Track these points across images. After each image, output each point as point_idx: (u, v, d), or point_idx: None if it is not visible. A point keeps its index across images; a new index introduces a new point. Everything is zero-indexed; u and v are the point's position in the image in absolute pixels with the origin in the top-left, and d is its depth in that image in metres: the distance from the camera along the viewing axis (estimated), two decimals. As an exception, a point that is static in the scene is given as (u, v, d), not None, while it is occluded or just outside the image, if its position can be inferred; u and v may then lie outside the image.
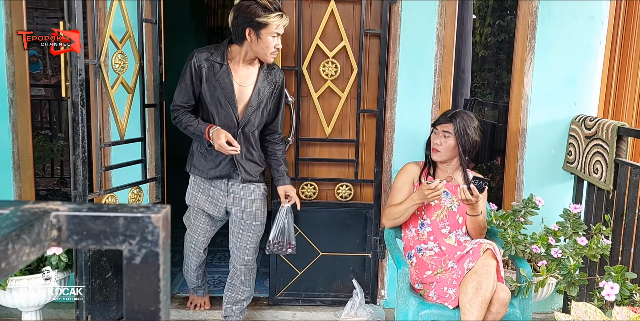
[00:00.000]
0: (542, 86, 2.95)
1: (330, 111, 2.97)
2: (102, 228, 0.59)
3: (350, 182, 3.04)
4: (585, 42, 2.92)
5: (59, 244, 0.59)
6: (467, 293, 2.27)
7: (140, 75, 2.74)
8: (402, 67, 2.92)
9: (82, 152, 2.44)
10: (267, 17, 2.36)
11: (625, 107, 3.40)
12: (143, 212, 0.60)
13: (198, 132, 2.50)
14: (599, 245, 2.52)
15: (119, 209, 0.60)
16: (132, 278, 0.60)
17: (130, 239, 0.59)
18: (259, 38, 2.41)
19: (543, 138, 3.00)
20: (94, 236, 0.59)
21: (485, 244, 2.35)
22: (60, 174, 4.49)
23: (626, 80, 3.37)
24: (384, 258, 3.10)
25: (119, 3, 2.57)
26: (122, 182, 2.79)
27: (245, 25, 2.40)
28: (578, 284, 2.39)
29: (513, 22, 3.56)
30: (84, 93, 2.39)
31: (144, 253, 0.60)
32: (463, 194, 2.41)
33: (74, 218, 0.59)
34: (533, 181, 3.04)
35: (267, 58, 2.49)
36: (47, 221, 0.57)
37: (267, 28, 2.39)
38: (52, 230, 0.58)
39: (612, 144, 2.58)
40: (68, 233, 0.59)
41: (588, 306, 1.92)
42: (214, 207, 2.71)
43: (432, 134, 2.65)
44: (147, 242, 0.59)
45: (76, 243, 0.59)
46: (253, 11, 2.36)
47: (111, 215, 0.59)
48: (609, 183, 2.61)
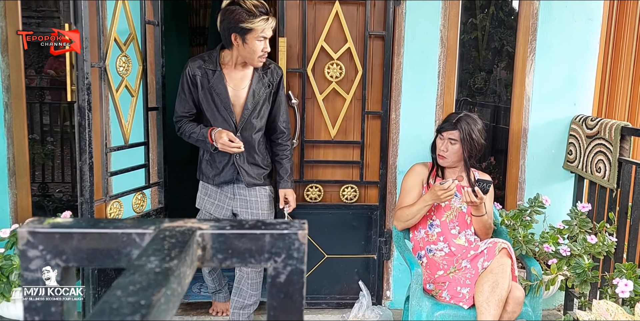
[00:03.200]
0: (543, 86, 2.99)
1: (335, 113, 2.96)
2: (247, 246, 0.57)
3: (355, 184, 3.03)
4: (584, 43, 2.98)
5: (203, 264, 0.57)
6: (484, 292, 2.28)
7: (143, 78, 2.69)
8: (406, 69, 2.92)
9: (88, 158, 2.39)
10: (251, 22, 2.32)
11: (618, 106, 3.47)
12: (287, 228, 0.58)
13: (201, 138, 2.47)
14: (605, 243, 2.57)
15: (262, 226, 0.58)
16: (276, 296, 0.58)
17: (276, 257, 0.57)
18: (245, 43, 2.37)
19: (544, 138, 3.05)
20: (239, 255, 0.57)
21: (500, 243, 2.37)
22: (51, 179, 4.38)
23: (618, 79, 3.44)
24: (389, 259, 3.10)
25: (123, 4, 2.51)
26: (122, 187, 2.72)
27: (230, 30, 2.37)
28: (590, 282, 2.43)
29: (495, 20, 3.59)
30: (90, 97, 2.34)
31: (289, 271, 0.58)
32: (467, 196, 2.43)
33: (219, 237, 0.56)
34: (534, 180, 3.08)
35: (254, 62, 2.45)
36: (195, 240, 0.55)
37: (253, 33, 2.35)
38: (197, 249, 0.56)
39: (615, 143, 2.63)
40: (212, 251, 0.57)
41: (609, 304, 1.94)
42: (221, 210, 2.68)
43: (438, 140, 2.66)
44: (292, 259, 0.58)
45: (220, 262, 0.57)
46: (237, 17, 2.32)
47: (257, 232, 0.57)
48: (612, 181, 2.65)
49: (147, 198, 2.84)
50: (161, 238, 0.54)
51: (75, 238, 0.55)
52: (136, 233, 0.55)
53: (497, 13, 3.66)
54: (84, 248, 0.55)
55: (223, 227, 0.57)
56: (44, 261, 0.55)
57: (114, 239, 0.55)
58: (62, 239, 0.55)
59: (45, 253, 0.55)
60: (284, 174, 2.69)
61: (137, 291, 0.41)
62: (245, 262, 0.57)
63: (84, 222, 0.57)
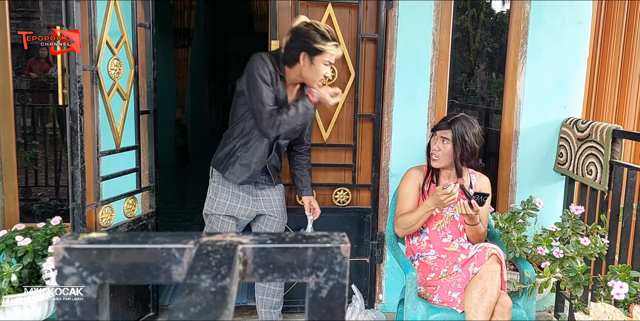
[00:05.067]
0: (534, 89, 3.01)
1: (327, 116, 2.95)
2: (289, 260, 0.56)
3: (347, 187, 3.03)
4: (574, 46, 3.01)
5: (244, 279, 0.55)
6: (472, 298, 2.28)
7: (135, 81, 2.65)
8: (398, 72, 2.93)
9: (80, 163, 2.34)
10: (324, 44, 2.34)
11: (605, 108, 3.51)
12: (329, 242, 0.57)
13: (308, 105, 2.40)
14: (597, 245, 2.59)
15: (304, 240, 0.57)
16: (317, 311, 0.57)
17: (318, 271, 0.56)
18: (312, 64, 2.38)
19: (535, 140, 3.07)
20: (281, 269, 0.56)
21: (490, 248, 2.36)
22: (34, 182, 4.30)
23: (606, 81, 3.48)
24: (382, 262, 3.10)
25: (115, 6, 2.48)
26: (112, 192, 2.67)
27: (301, 49, 2.36)
28: (584, 285, 2.45)
29: (474, 23, 3.62)
30: (82, 101, 2.30)
31: (331, 285, 0.56)
32: (463, 209, 2.41)
33: (260, 251, 0.55)
34: (526, 182, 3.10)
35: (314, 84, 2.44)
36: (237, 255, 0.53)
37: (322, 55, 2.36)
38: (239, 265, 0.54)
39: (607, 146, 2.65)
40: (254, 266, 0.55)
41: (607, 306, 1.96)
42: (245, 212, 2.62)
43: (432, 139, 2.63)
44: (334, 274, 0.56)
45: (261, 277, 0.56)
46: (312, 37, 2.34)
47: (300, 246, 0.56)
48: (604, 183, 2.68)
49: (138, 203, 2.80)
50: (204, 253, 0.52)
51: (113, 254, 0.53)
52: (176, 248, 0.53)
53: (479, 15, 3.68)
54: (122, 264, 0.53)
55: (264, 241, 0.56)
56: (81, 278, 0.53)
57: (153, 254, 0.53)
58: (99, 255, 0.53)
59: (82, 270, 0.53)
60: (307, 182, 2.77)
61: (200, 313, 0.39)
62: (286, 277, 0.56)
63: (120, 237, 0.55)
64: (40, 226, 2.56)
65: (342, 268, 0.56)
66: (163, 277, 0.54)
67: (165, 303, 3.18)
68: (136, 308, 2.82)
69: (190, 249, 0.54)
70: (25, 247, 2.43)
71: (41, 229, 2.53)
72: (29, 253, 2.42)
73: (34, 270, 2.47)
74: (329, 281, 0.56)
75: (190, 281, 0.45)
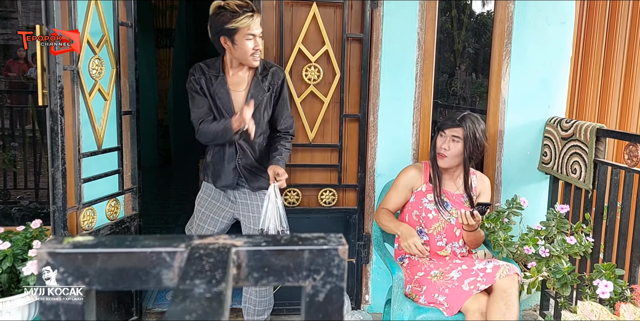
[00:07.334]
0: (518, 89, 3.02)
1: (312, 116, 2.93)
2: (285, 264, 0.53)
3: (333, 187, 3.01)
4: (558, 46, 3.02)
5: (237, 283, 0.53)
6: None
7: (116, 81, 2.60)
8: (384, 72, 2.91)
9: (61, 164, 2.29)
10: (235, 21, 2.28)
11: (588, 107, 3.54)
12: (326, 244, 0.55)
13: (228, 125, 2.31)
14: (582, 243, 2.60)
15: (299, 242, 0.55)
16: (314, 316, 0.54)
17: (315, 274, 0.54)
18: (235, 44, 2.33)
19: (519, 140, 3.08)
20: (276, 273, 0.53)
21: (502, 268, 2.33)
22: (13, 185, 4.22)
23: (588, 81, 3.51)
24: (368, 263, 3.08)
25: (96, 5, 2.43)
26: (93, 194, 2.62)
27: (219, 34, 2.33)
28: (570, 284, 2.45)
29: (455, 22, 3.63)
30: (62, 101, 2.25)
31: (329, 289, 0.54)
32: (464, 218, 2.37)
33: (255, 254, 0.53)
34: (510, 181, 3.11)
35: (249, 62, 2.39)
36: (230, 258, 0.51)
37: (239, 32, 2.30)
38: (232, 268, 0.52)
39: (591, 145, 2.67)
40: (248, 270, 0.53)
41: (594, 305, 1.96)
42: (221, 212, 2.62)
43: (438, 137, 2.55)
44: (332, 277, 0.54)
45: (256, 281, 0.53)
46: (222, 19, 2.29)
47: (296, 249, 0.54)
48: (588, 182, 2.70)
49: (120, 205, 2.75)
50: (197, 257, 0.49)
51: (100, 259, 0.50)
52: (166, 252, 0.51)
53: (460, 16, 3.69)
54: (109, 270, 0.50)
55: (258, 243, 0.53)
56: (65, 284, 0.50)
57: (142, 259, 0.51)
58: (85, 260, 0.50)
59: (67, 276, 0.50)
60: (278, 157, 2.49)
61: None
62: (282, 280, 0.54)
63: (107, 240, 0.52)
64: (20, 230, 2.50)
65: (340, 270, 0.54)
66: (153, 282, 0.51)
67: (148, 306, 3.14)
68: (119, 312, 2.77)
69: (181, 252, 0.51)
70: (5, 251, 2.37)
71: (21, 232, 2.47)
72: (8, 257, 2.36)
73: (13, 274, 2.41)
74: (327, 284, 0.54)
75: (184, 286, 0.43)
